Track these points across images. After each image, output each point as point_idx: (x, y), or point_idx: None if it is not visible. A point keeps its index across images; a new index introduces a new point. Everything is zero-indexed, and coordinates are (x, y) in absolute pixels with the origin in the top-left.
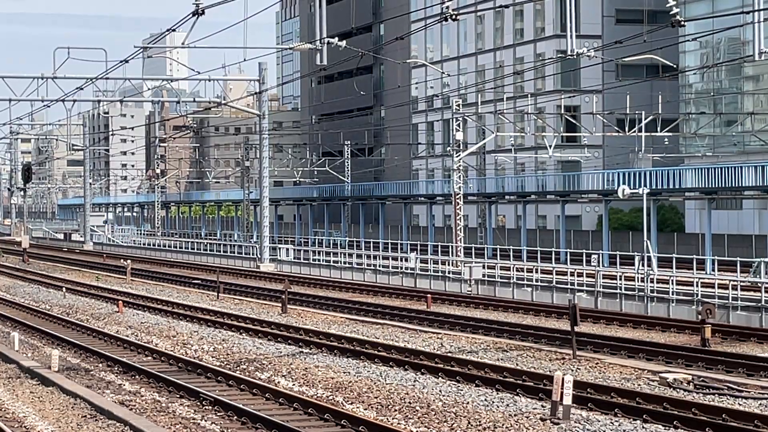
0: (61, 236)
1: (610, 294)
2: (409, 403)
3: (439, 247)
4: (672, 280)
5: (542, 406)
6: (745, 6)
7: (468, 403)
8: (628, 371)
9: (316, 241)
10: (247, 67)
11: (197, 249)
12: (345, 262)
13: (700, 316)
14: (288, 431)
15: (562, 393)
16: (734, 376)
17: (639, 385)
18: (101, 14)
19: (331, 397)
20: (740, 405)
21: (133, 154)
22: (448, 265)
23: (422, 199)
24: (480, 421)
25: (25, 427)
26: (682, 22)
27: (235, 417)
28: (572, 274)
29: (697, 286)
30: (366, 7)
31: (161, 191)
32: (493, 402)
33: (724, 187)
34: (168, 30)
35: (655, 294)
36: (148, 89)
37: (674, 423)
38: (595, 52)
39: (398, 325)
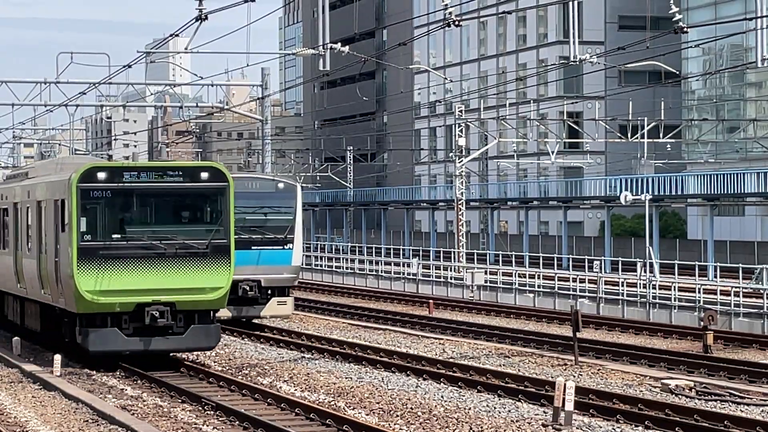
0: None
1: (612, 300)
2: (411, 408)
3: (441, 252)
4: (674, 287)
5: (544, 412)
6: (748, 13)
7: (470, 408)
8: (630, 377)
9: (318, 246)
10: (249, 73)
11: None
12: (347, 268)
13: (702, 323)
14: None
15: (564, 399)
16: (736, 382)
17: (641, 391)
18: (104, 19)
19: (333, 403)
20: (742, 411)
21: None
22: (450, 270)
23: (424, 204)
24: (482, 427)
25: (27, 431)
26: (685, 29)
27: (237, 422)
28: (574, 280)
29: (699, 292)
30: (369, 13)
31: None
32: (495, 408)
33: (726, 194)
34: (171, 35)
35: (657, 300)
36: (151, 94)
37: (676, 429)
38: (598, 59)
39: (400, 331)
